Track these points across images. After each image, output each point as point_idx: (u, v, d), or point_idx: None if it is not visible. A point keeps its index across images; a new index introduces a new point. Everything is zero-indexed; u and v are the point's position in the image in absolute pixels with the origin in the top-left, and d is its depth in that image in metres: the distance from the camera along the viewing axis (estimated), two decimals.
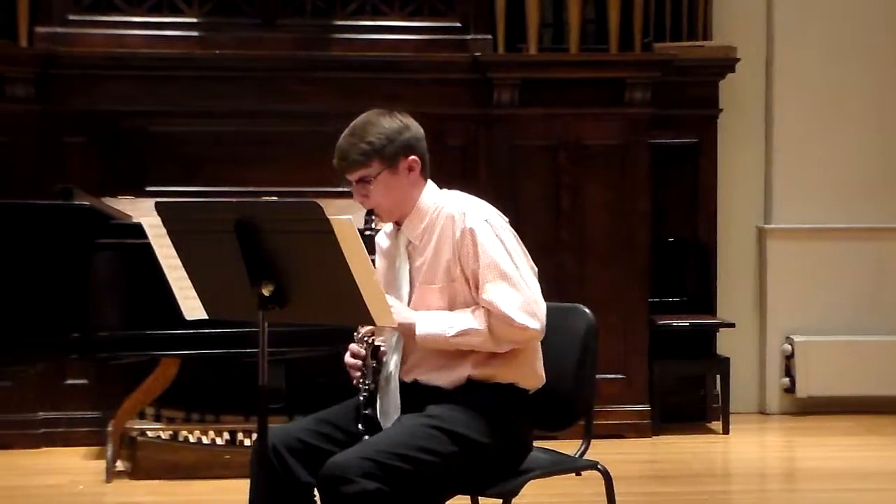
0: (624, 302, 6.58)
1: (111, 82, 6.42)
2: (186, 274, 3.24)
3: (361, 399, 3.43)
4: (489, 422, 3.41)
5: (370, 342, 3.44)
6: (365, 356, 3.44)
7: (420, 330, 3.39)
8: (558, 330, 3.60)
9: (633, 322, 6.62)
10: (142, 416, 5.84)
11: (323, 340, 5.15)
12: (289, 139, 6.52)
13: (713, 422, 6.92)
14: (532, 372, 3.53)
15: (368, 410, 3.43)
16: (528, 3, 6.61)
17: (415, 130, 3.54)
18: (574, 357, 3.69)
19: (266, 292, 3.07)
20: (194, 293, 3.26)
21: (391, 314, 3.18)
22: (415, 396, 3.46)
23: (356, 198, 3.51)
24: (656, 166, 6.74)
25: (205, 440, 5.74)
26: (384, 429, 3.43)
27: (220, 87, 6.49)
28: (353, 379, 3.47)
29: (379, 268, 3.53)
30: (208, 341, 5.19)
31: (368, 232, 3.47)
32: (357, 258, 3.00)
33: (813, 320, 7.23)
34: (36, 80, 6.31)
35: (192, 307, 3.29)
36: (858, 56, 7.23)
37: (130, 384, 5.78)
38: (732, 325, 6.93)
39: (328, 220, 2.97)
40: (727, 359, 6.88)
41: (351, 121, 3.54)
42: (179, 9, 6.58)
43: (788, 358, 7.23)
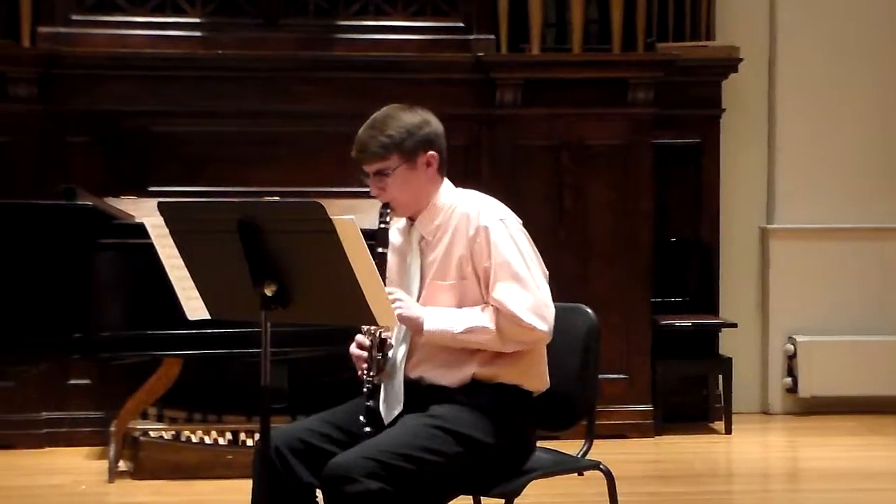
0: (626, 302, 6.58)
1: (114, 82, 6.42)
2: (189, 274, 3.24)
3: (365, 390, 3.43)
4: (493, 422, 3.41)
5: (377, 334, 3.43)
6: (371, 347, 3.44)
7: (428, 325, 3.39)
8: (561, 330, 3.57)
9: (636, 322, 6.62)
10: (144, 416, 5.85)
11: (325, 340, 5.14)
12: (291, 139, 6.52)
13: (716, 422, 6.91)
14: (537, 374, 3.53)
15: (371, 402, 3.42)
16: (531, 4, 6.60)
17: (435, 126, 3.55)
18: (576, 357, 3.69)
19: (268, 292, 3.07)
20: (197, 293, 3.26)
21: (393, 314, 3.18)
22: (418, 396, 3.45)
23: (373, 190, 3.50)
24: (659, 166, 6.74)
25: (207, 440, 5.75)
26: (386, 424, 3.43)
27: (223, 87, 6.49)
28: (359, 370, 3.47)
29: (390, 263, 3.53)
30: (211, 341, 5.19)
31: (383, 225, 3.47)
32: (359, 258, 2.99)
33: (815, 320, 7.22)
34: (39, 80, 6.31)
35: (195, 307, 3.29)
36: (861, 56, 7.23)
37: (133, 384, 5.79)
38: (735, 325, 6.93)
39: (331, 220, 2.97)
40: (730, 359, 6.88)
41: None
42: (182, 9, 6.58)
43: (791, 358, 7.23)
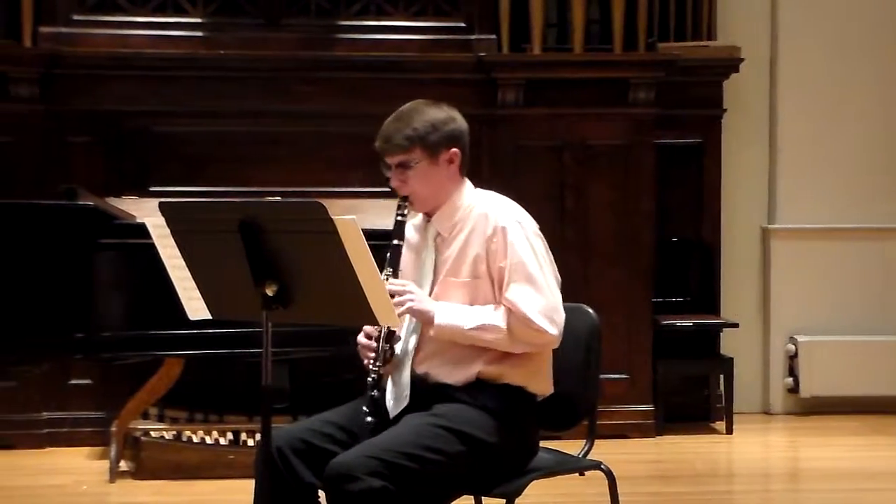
0: (628, 302, 6.58)
1: (115, 82, 6.41)
2: (190, 274, 3.24)
3: (369, 381, 3.43)
4: (497, 422, 3.42)
5: (386, 325, 3.42)
6: (378, 338, 3.44)
7: (439, 319, 3.40)
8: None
9: (637, 322, 6.62)
10: (145, 417, 5.84)
11: (327, 340, 5.16)
12: (293, 139, 6.52)
13: (717, 422, 6.91)
14: (543, 378, 3.53)
15: (375, 393, 3.43)
16: (533, 4, 6.60)
17: (460, 124, 3.57)
18: (578, 357, 3.69)
19: (270, 292, 3.07)
20: (198, 293, 3.26)
21: (395, 314, 3.18)
22: (422, 394, 3.46)
23: (393, 182, 3.51)
24: (660, 166, 6.73)
25: (208, 440, 5.74)
26: (391, 418, 3.43)
27: (224, 88, 6.48)
28: (365, 359, 3.47)
29: (404, 259, 3.53)
30: (212, 341, 5.19)
31: (400, 217, 3.48)
32: (361, 258, 2.99)
33: (817, 320, 7.22)
34: (40, 80, 6.31)
35: (196, 307, 3.29)
36: (863, 55, 7.22)
37: (134, 384, 5.78)
38: (736, 325, 6.93)
39: (332, 220, 2.97)
40: (731, 359, 6.87)
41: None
42: (183, 9, 6.58)
43: (792, 358, 7.22)
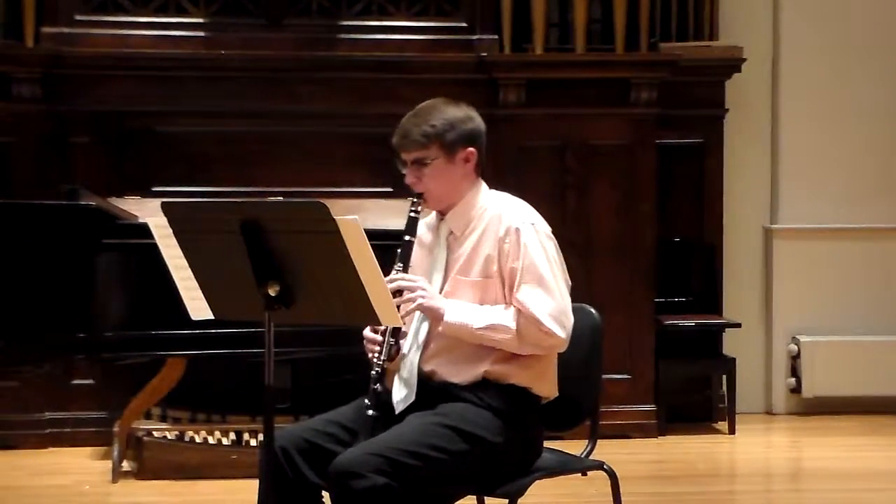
0: (630, 302, 6.57)
1: (117, 82, 6.42)
2: (192, 274, 3.24)
3: (373, 374, 3.43)
4: (501, 422, 3.42)
5: None
6: (384, 332, 3.44)
7: (448, 317, 3.40)
8: None
9: (639, 322, 6.61)
10: (148, 417, 5.84)
11: (329, 340, 5.16)
12: (294, 139, 6.52)
13: (719, 422, 6.90)
14: (548, 381, 3.54)
15: (378, 386, 3.42)
16: (534, 4, 6.60)
17: (478, 123, 3.56)
18: (580, 357, 3.68)
19: (272, 292, 3.07)
20: (200, 293, 3.26)
21: (398, 315, 3.19)
22: (427, 394, 3.46)
23: (408, 179, 3.52)
24: (662, 166, 6.73)
25: (211, 440, 5.74)
26: (396, 415, 3.43)
27: (226, 88, 6.49)
28: (369, 352, 3.48)
29: (415, 257, 3.53)
30: (214, 341, 5.20)
31: (413, 214, 3.48)
32: (363, 258, 2.99)
33: (819, 320, 7.21)
34: (42, 80, 6.31)
35: (199, 307, 3.29)
36: (865, 55, 7.21)
37: (137, 384, 5.78)
38: (738, 326, 6.92)
39: (334, 220, 2.98)
40: (733, 359, 6.87)
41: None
42: (185, 9, 6.58)
43: (794, 358, 7.22)
